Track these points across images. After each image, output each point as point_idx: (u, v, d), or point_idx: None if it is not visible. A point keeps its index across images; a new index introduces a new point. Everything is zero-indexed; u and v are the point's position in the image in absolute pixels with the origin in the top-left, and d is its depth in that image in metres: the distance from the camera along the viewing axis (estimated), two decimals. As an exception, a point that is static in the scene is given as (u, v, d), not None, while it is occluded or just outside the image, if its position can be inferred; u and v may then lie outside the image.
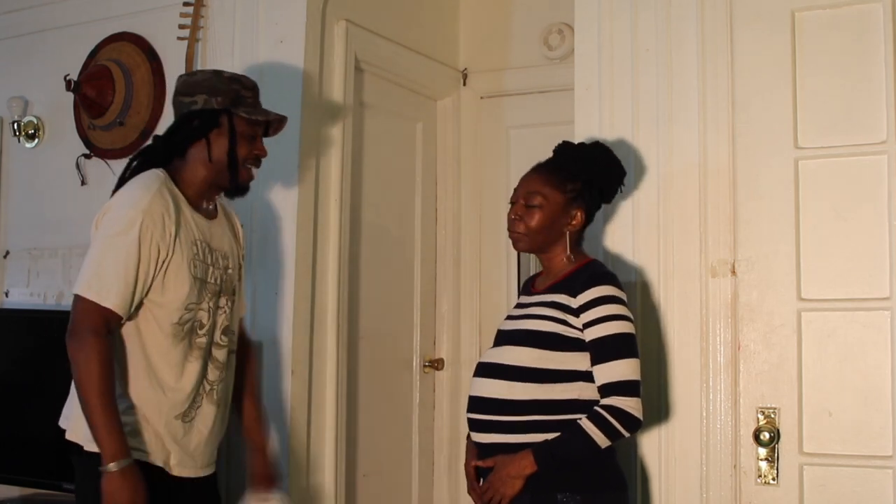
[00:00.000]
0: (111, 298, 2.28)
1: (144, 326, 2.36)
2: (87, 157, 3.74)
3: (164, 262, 2.34)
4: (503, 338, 2.54)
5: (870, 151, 2.59)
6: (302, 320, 3.19)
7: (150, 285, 2.34)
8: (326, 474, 3.25)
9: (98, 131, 3.68)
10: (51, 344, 3.54)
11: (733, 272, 2.70)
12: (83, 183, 3.74)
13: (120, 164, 3.62)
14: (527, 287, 2.68)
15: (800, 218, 2.64)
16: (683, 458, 2.71)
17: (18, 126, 3.89)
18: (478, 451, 2.52)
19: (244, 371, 2.66)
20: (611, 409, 2.34)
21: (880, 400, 2.53)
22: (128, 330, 2.36)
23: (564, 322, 2.42)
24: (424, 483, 3.94)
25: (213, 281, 2.46)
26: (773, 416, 2.62)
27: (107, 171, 3.67)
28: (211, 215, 2.53)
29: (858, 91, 2.61)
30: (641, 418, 2.37)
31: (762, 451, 2.63)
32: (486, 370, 2.51)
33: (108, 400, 2.24)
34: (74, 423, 2.40)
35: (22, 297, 3.87)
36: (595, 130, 2.90)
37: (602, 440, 2.34)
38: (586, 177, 2.54)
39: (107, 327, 2.30)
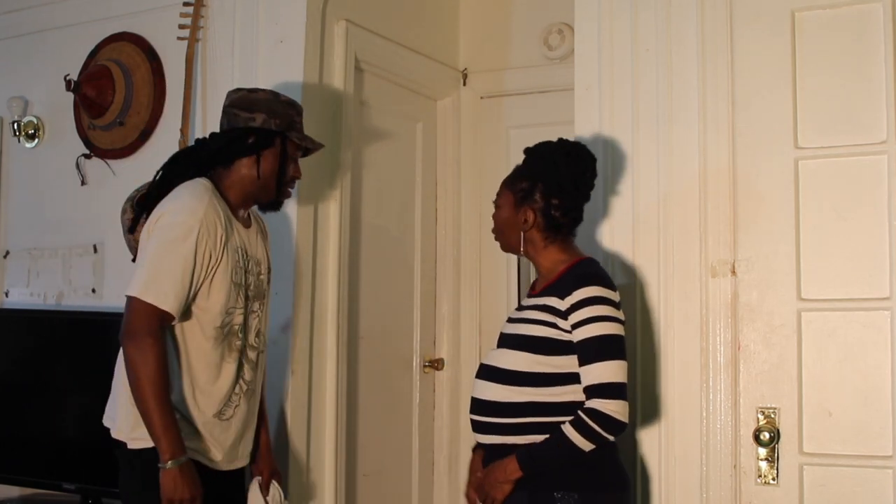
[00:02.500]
0: (169, 302, 2.39)
1: (189, 330, 2.47)
2: (87, 157, 3.74)
3: (213, 268, 2.46)
4: (503, 340, 2.56)
5: (870, 151, 2.59)
6: (302, 320, 3.19)
7: (199, 291, 2.45)
8: (326, 474, 3.25)
9: (98, 131, 3.68)
10: (51, 344, 3.57)
11: (733, 272, 2.70)
12: (83, 183, 3.74)
13: (120, 164, 3.65)
14: (530, 288, 2.68)
15: (800, 218, 2.64)
16: (683, 458, 2.71)
17: (18, 126, 3.89)
18: (482, 451, 2.55)
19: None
20: (592, 413, 2.33)
21: (880, 400, 2.53)
22: (171, 333, 2.46)
23: (554, 325, 2.42)
24: (424, 483, 3.94)
25: (247, 286, 2.58)
26: (773, 416, 2.62)
27: (107, 171, 3.68)
28: (247, 224, 2.65)
29: (858, 91, 2.61)
30: (625, 420, 2.35)
31: (762, 451, 2.63)
32: (485, 373, 2.52)
33: (163, 400, 2.36)
34: (120, 423, 2.50)
35: (22, 297, 3.87)
36: (595, 130, 2.90)
37: (584, 444, 2.33)
38: (533, 175, 2.53)
39: (162, 329, 2.41)
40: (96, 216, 3.68)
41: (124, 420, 2.47)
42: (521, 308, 2.60)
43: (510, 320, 2.59)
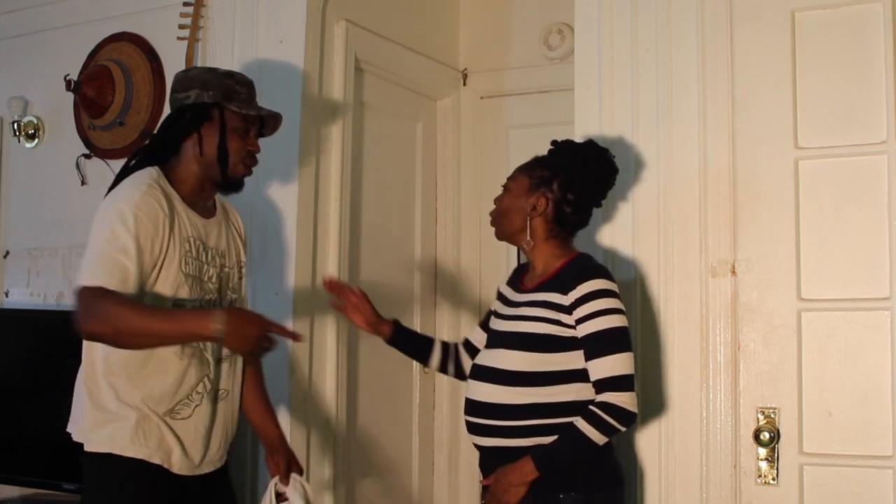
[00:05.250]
0: (115, 282, 2.21)
1: None
2: (87, 157, 3.74)
3: (159, 256, 2.31)
4: (498, 339, 2.53)
5: (870, 151, 2.59)
6: (302, 320, 3.19)
7: (146, 280, 2.30)
8: (326, 474, 3.25)
9: (98, 131, 3.69)
10: (51, 344, 3.57)
11: (733, 272, 2.70)
12: (83, 183, 3.75)
13: (120, 165, 3.62)
14: (514, 283, 2.65)
15: (800, 218, 2.64)
16: (683, 458, 2.71)
17: (18, 126, 3.89)
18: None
19: (245, 371, 2.64)
20: (605, 406, 2.34)
21: (880, 400, 2.53)
22: None
23: (557, 322, 2.41)
24: (424, 483, 3.94)
25: (207, 279, 2.45)
26: (773, 416, 2.62)
27: (107, 171, 3.68)
28: (208, 213, 2.51)
29: (858, 91, 2.61)
30: (636, 412, 2.37)
31: (762, 451, 2.63)
32: (482, 374, 2.50)
33: (152, 313, 2.22)
34: (77, 424, 2.42)
35: (22, 297, 3.87)
36: (595, 130, 2.90)
37: (599, 438, 2.34)
38: (556, 164, 2.53)
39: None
40: (96, 216, 3.67)
41: (81, 421, 2.38)
42: (513, 304, 2.56)
43: (503, 317, 2.56)
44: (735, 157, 2.72)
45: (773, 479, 2.61)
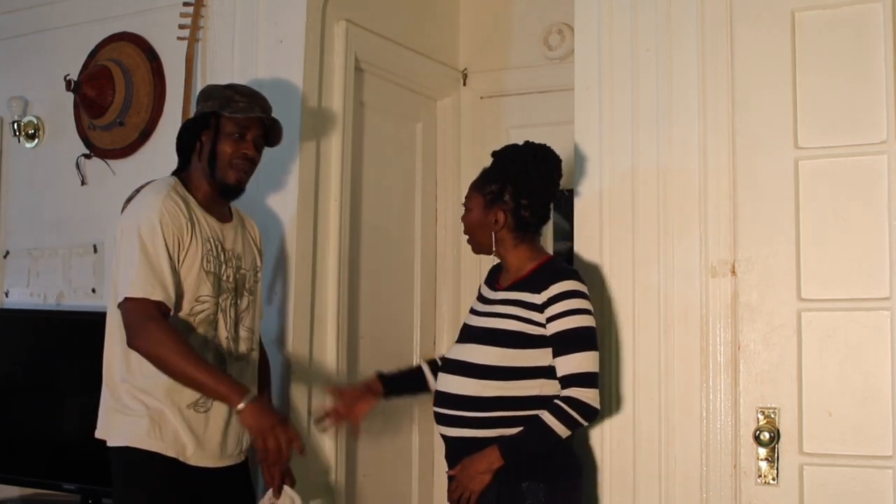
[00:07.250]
0: (158, 292, 2.42)
1: None
2: (87, 157, 3.74)
3: (183, 254, 2.49)
4: (470, 334, 2.65)
5: (870, 151, 2.59)
6: (302, 320, 3.19)
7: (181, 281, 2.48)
8: (326, 475, 3.25)
9: (98, 131, 3.68)
10: (51, 344, 3.57)
11: (733, 272, 2.70)
12: (83, 183, 3.74)
13: (120, 164, 3.65)
14: (490, 281, 2.77)
15: (800, 218, 2.64)
16: (683, 458, 2.72)
17: (18, 126, 3.89)
18: (380, 382, 2.80)
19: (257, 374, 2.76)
20: (570, 401, 2.47)
21: (880, 400, 2.53)
22: None
23: (529, 320, 2.53)
24: (424, 483, 3.93)
25: (226, 278, 2.59)
26: (773, 416, 2.62)
27: (107, 171, 3.68)
28: (224, 218, 2.67)
29: (858, 91, 2.61)
30: (598, 408, 2.49)
31: (762, 451, 2.63)
32: (453, 367, 2.61)
33: (197, 360, 2.38)
34: (100, 422, 2.55)
35: (22, 297, 3.87)
36: (595, 130, 2.90)
37: (563, 430, 2.46)
38: (503, 177, 2.62)
39: (162, 314, 2.42)
40: (96, 216, 3.68)
41: (103, 418, 2.54)
42: (487, 301, 2.68)
43: (476, 313, 2.69)
44: (735, 157, 2.72)
45: (773, 479, 2.61)
